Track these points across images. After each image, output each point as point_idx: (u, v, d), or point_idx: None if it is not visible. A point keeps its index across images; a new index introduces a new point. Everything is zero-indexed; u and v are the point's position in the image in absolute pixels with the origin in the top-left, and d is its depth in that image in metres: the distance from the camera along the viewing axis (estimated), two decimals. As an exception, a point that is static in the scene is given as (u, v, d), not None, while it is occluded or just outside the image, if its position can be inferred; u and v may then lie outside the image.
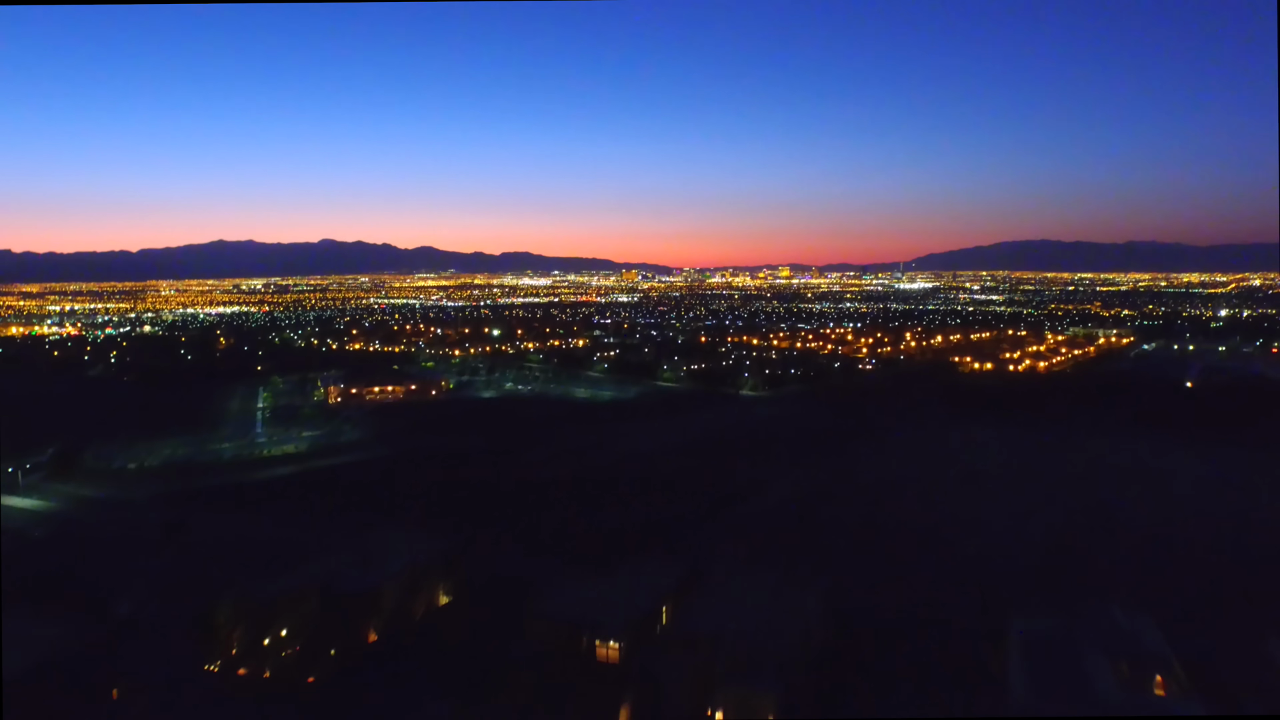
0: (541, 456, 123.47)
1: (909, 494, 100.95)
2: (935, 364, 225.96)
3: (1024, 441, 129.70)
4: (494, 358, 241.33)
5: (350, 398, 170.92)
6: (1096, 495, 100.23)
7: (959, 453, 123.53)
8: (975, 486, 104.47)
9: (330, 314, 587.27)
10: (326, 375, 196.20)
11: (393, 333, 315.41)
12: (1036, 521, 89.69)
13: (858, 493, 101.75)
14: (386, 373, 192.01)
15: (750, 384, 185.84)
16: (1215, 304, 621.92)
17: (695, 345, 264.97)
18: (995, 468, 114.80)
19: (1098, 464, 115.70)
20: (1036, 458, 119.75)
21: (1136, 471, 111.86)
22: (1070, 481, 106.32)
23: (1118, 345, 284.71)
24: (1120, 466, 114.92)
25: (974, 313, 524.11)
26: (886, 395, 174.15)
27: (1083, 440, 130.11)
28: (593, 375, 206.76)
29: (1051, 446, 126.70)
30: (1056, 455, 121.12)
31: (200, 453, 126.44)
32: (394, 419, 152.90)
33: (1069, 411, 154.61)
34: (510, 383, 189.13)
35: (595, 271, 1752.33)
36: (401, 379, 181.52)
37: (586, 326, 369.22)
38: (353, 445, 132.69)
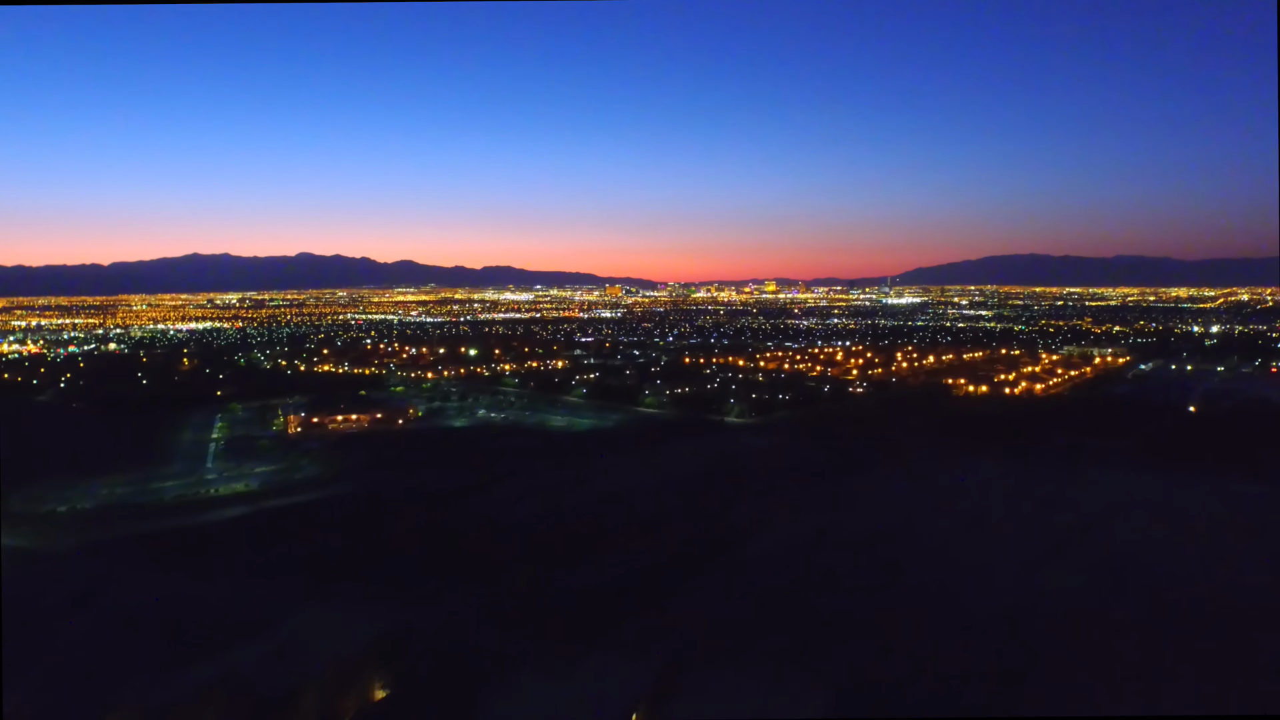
0: (511, 495, 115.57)
1: (913, 544, 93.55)
2: (928, 387, 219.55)
3: (1029, 477, 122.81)
4: (468, 380, 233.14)
5: (311, 427, 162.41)
6: (1116, 544, 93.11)
7: (961, 491, 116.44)
8: (983, 534, 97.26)
9: (304, 331, 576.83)
10: (288, 403, 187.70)
11: (364, 353, 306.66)
12: (1059, 580, 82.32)
13: (857, 543, 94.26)
14: (353, 399, 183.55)
15: (736, 410, 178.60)
16: (1206, 319, 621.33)
17: (679, 367, 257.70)
18: (1003, 510, 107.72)
19: (1112, 505, 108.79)
20: (1045, 497, 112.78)
21: (1154, 514, 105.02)
22: (1086, 528, 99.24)
23: (1114, 365, 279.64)
24: (1134, 506, 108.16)
25: (964, 329, 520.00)
26: (880, 423, 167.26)
27: (1091, 475, 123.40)
28: (571, 400, 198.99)
29: (1058, 483, 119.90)
30: (1066, 494, 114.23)
31: (141, 492, 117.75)
32: (355, 452, 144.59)
33: (1072, 441, 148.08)
34: (483, 409, 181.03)
35: (578, 286, 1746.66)
36: (367, 406, 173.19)
37: (567, 345, 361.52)
38: (307, 483, 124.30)
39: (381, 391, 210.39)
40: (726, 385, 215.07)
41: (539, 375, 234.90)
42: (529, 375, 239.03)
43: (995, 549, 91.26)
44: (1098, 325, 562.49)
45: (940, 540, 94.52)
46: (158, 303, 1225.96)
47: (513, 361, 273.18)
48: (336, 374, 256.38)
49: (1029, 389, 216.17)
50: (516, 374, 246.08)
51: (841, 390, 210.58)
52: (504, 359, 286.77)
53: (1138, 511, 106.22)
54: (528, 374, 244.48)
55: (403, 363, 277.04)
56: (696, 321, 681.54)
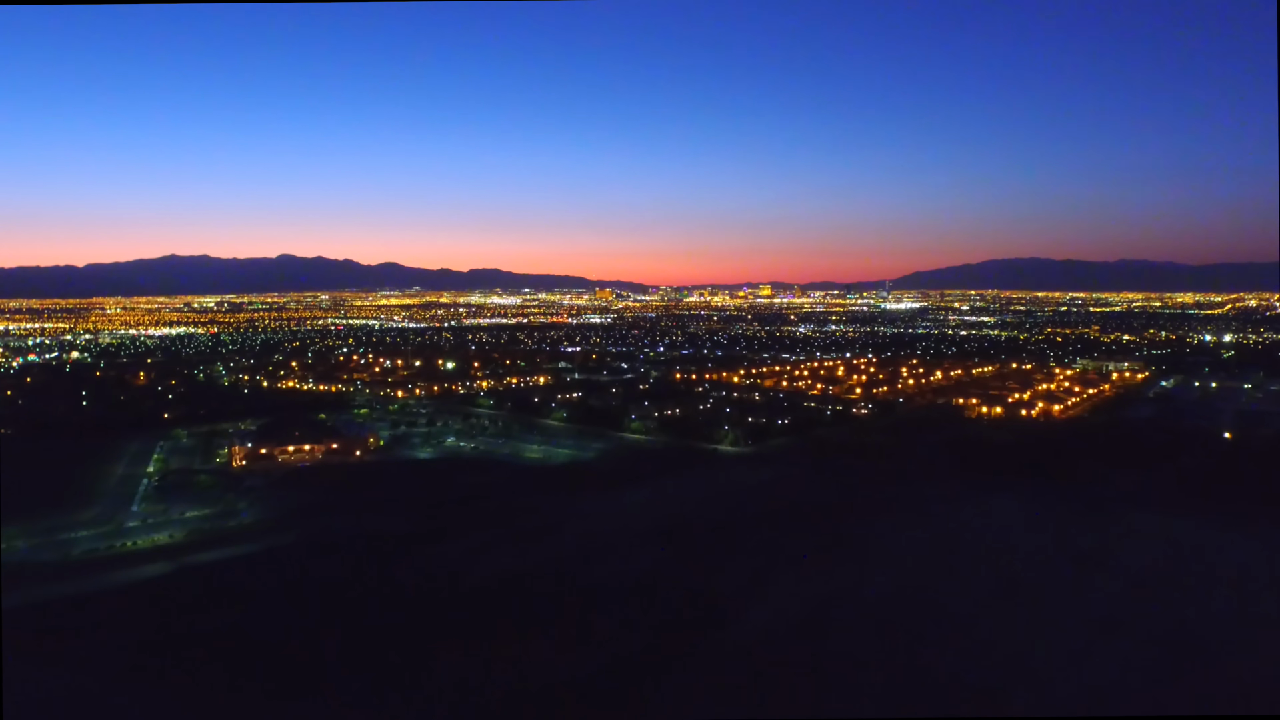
0: (469, 549, 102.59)
1: (939, 620, 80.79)
2: (938, 408, 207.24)
3: (1062, 526, 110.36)
4: (441, 400, 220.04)
5: (259, 460, 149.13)
6: (1180, 619, 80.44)
7: (990, 543, 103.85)
8: (1021, 604, 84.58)
9: (280, 337, 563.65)
10: (239, 429, 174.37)
11: (334, 366, 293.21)
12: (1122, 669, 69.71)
13: (871, 617, 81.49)
14: (310, 425, 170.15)
15: (731, 437, 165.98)
16: (1217, 327, 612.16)
17: (669, 384, 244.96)
18: (1038, 570, 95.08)
19: (1163, 562, 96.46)
20: (1084, 552, 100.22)
21: (1214, 575, 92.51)
22: (1138, 595, 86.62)
23: (1133, 381, 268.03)
24: (1188, 563, 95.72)
25: (968, 338, 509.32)
26: (888, 454, 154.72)
27: (1131, 522, 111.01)
28: (551, 424, 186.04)
29: (1096, 531, 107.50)
30: (1107, 548, 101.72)
31: (44, 546, 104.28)
32: (302, 491, 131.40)
33: (1104, 477, 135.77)
34: (452, 437, 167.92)
35: (567, 290, 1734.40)
36: (324, 434, 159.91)
37: (551, 357, 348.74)
38: (239, 533, 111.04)
39: (345, 413, 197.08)
40: (720, 407, 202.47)
41: (517, 394, 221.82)
42: (507, 394, 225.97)
43: (1039, 626, 78.53)
44: (1106, 334, 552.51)
45: (971, 614, 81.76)
46: (132, 306, 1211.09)
47: (491, 377, 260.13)
48: (300, 391, 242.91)
49: (1046, 410, 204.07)
50: (494, 392, 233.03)
51: (845, 412, 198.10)
52: (482, 374, 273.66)
53: (1194, 570, 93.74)
54: (506, 392, 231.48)
55: (374, 378, 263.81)
56: (689, 328, 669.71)
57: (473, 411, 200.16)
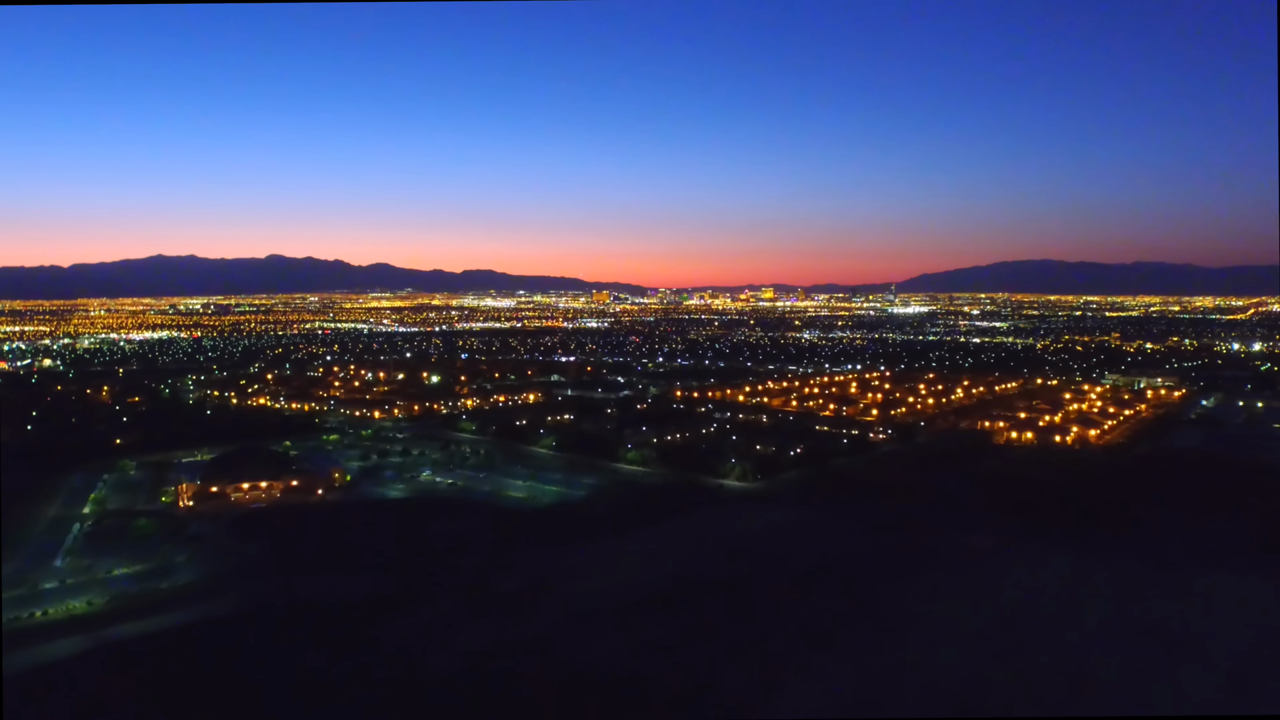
0: (438, 620, 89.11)
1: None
2: (964, 435, 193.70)
3: (1135, 592, 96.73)
4: (420, 423, 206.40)
5: (209, 499, 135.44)
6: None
7: (1053, 618, 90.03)
8: (1098, 700, 71.10)
9: (263, 343, 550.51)
10: (194, 459, 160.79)
11: (310, 381, 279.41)
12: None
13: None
14: (271, 457, 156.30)
15: (738, 470, 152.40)
16: (1243, 334, 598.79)
17: (668, 404, 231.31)
18: (1110, 652, 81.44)
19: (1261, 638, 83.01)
20: (1159, 626, 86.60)
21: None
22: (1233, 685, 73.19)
23: (1169, 399, 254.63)
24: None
25: (983, 346, 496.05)
26: (914, 492, 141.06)
27: (1213, 589, 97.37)
28: (538, 453, 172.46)
29: (1168, 597, 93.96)
30: (1184, 619, 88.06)
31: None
32: (253, 539, 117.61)
33: (1166, 526, 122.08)
34: (428, 469, 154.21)
35: (563, 292, 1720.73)
36: (284, 470, 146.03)
37: (542, 368, 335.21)
38: (173, 598, 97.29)
39: (313, 439, 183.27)
40: (724, 431, 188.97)
41: (504, 415, 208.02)
42: (493, 415, 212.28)
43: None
44: (1127, 342, 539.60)
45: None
46: (117, 308, 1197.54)
47: (477, 394, 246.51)
48: (269, 411, 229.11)
49: (1082, 435, 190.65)
50: (479, 412, 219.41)
51: (862, 439, 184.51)
52: (468, 389, 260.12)
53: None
54: (492, 413, 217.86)
55: (351, 394, 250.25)
56: (688, 334, 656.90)
57: (454, 437, 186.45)
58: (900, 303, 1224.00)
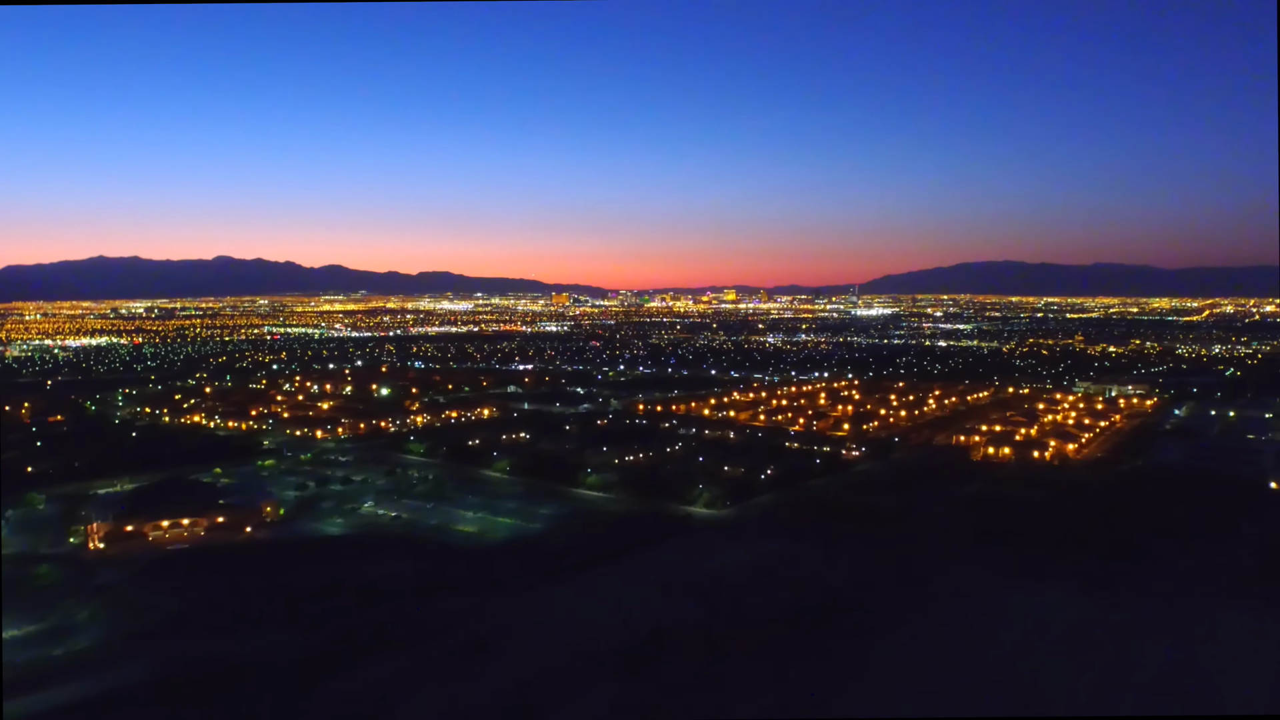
0: (374, 684, 79.46)
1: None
2: (940, 451, 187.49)
3: (1138, 632, 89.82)
4: (366, 443, 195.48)
5: (124, 540, 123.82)
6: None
7: (1057, 666, 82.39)
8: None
9: (207, 350, 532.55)
10: (112, 491, 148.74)
11: (250, 395, 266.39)
12: None
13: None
14: (194, 489, 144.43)
15: (706, 496, 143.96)
16: (1200, 336, 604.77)
17: (631, 419, 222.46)
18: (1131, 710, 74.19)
19: None
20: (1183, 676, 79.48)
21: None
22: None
23: (1141, 409, 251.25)
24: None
25: (949, 350, 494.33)
26: (894, 518, 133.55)
27: (1223, 626, 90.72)
28: (492, 477, 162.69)
29: (1184, 642, 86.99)
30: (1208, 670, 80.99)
31: None
32: (171, 589, 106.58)
33: (1160, 555, 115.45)
34: (371, 500, 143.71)
35: (522, 294, 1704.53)
36: (210, 504, 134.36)
37: (499, 378, 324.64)
38: (70, 665, 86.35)
39: (247, 464, 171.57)
40: (690, 450, 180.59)
41: (456, 434, 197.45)
42: (445, 433, 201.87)
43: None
44: (1090, 344, 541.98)
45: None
46: (55, 312, 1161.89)
47: (428, 409, 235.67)
48: (204, 430, 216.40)
49: (1060, 450, 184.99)
50: (430, 430, 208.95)
51: (835, 457, 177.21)
52: (419, 404, 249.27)
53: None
54: (444, 430, 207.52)
55: (294, 410, 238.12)
56: (650, 338, 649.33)
57: (401, 460, 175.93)
58: (863, 304, 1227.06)
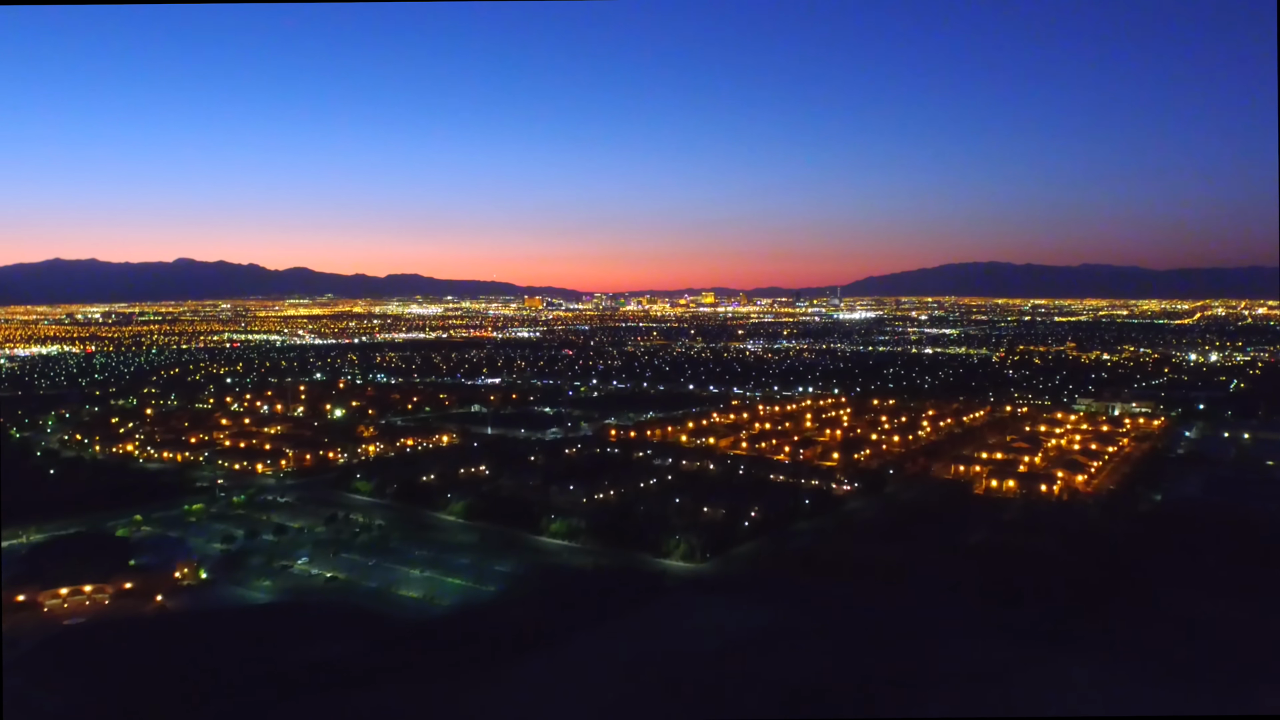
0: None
1: None
2: (939, 486, 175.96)
3: None
4: (310, 478, 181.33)
5: (12, 613, 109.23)
6: None
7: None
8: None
9: (160, 360, 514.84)
10: (16, 543, 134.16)
11: (192, 420, 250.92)
12: None
13: None
14: (103, 545, 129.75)
15: (683, 548, 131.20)
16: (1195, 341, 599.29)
17: (602, 447, 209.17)
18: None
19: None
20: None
21: None
22: None
23: (1148, 429, 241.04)
24: None
25: (938, 359, 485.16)
26: (899, 576, 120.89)
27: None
28: (446, 522, 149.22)
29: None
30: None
31: None
32: (55, 681, 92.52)
33: (1198, 618, 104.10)
34: (306, 555, 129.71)
35: (494, 297, 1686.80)
36: (118, 565, 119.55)
37: (462, 395, 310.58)
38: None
39: (174, 507, 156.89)
40: (666, 487, 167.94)
41: (409, 470, 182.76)
42: (398, 466, 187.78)
43: None
44: (1084, 353, 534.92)
45: None
46: (8, 317, 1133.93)
47: (383, 437, 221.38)
48: (134, 462, 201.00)
49: (1068, 482, 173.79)
50: (382, 463, 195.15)
51: (824, 494, 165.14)
52: (373, 428, 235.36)
53: None
54: (397, 463, 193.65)
55: (237, 436, 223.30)
56: (626, 345, 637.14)
57: (346, 501, 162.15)
58: (846, 307, 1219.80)
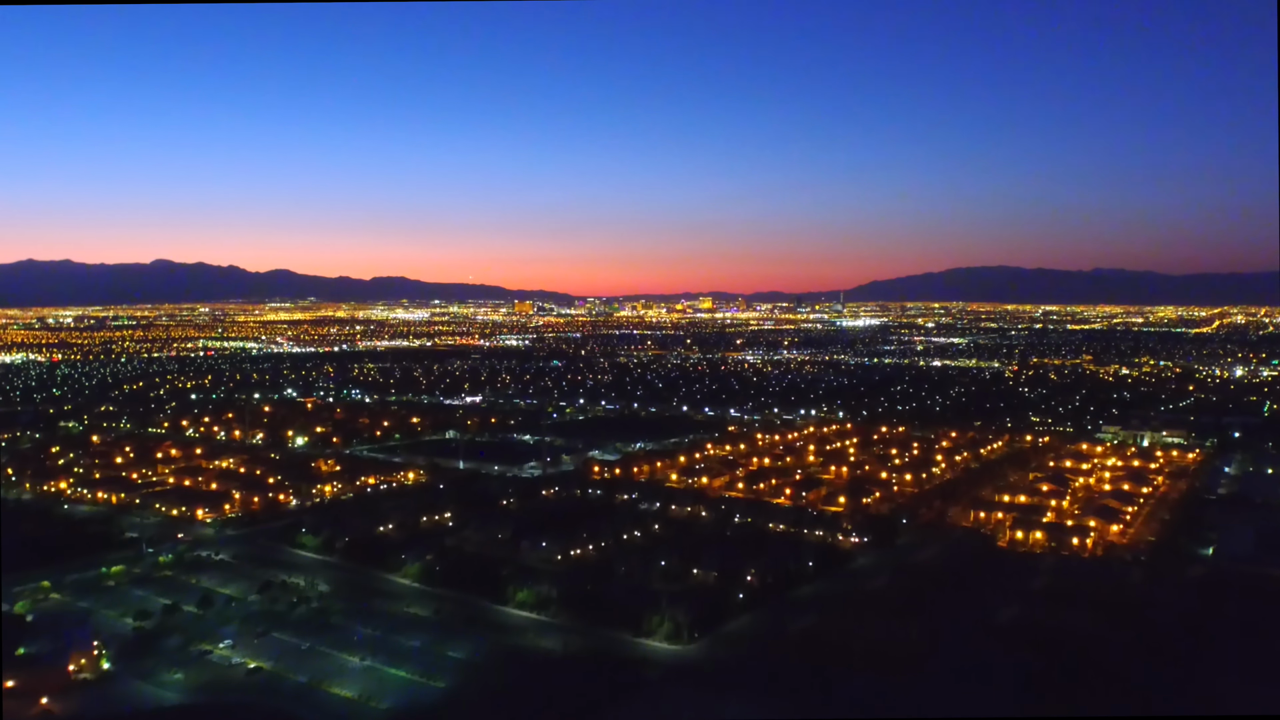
0: None
1: None
2: (959, 538, 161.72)
3: None
4: (252, 530, 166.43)
5: None
6: None
7: None
8: None
9: (127, 371, 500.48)
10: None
11: (140, 450, 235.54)
12: None
13: None
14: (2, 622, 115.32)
15: (666, 625, 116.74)
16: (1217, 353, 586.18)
17: (581, 488, 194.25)
18: None
19: None
20: None
21: None
22: None
23: (1183, 463, 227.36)
24: None
25: (948, 373, 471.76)
26: (914, 662, 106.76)
27: None
28: (399, 588, 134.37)
29: None
30: None
31: None
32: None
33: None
34: (230, 639, 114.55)
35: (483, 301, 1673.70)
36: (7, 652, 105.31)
37: (437, 417, 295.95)
38: None
39: (93, 564, 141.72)
40: (652, 540, 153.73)
41: (367, 515, 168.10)
42: (353, 513, 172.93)
43: None
44: (1099, 364, 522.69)
45: None
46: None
47: (343, 472, 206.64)
48: (59, 505, 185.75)
49: (1102, 533, 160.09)
50: (336, 508, 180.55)
51: (829, 549, 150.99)
52: (334, 459, 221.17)
53: None
54: (353, 508, 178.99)
55: (184, 472, 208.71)
56: (618, 355, 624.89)
57: (290, 558, 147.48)
58: (849, 313, 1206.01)
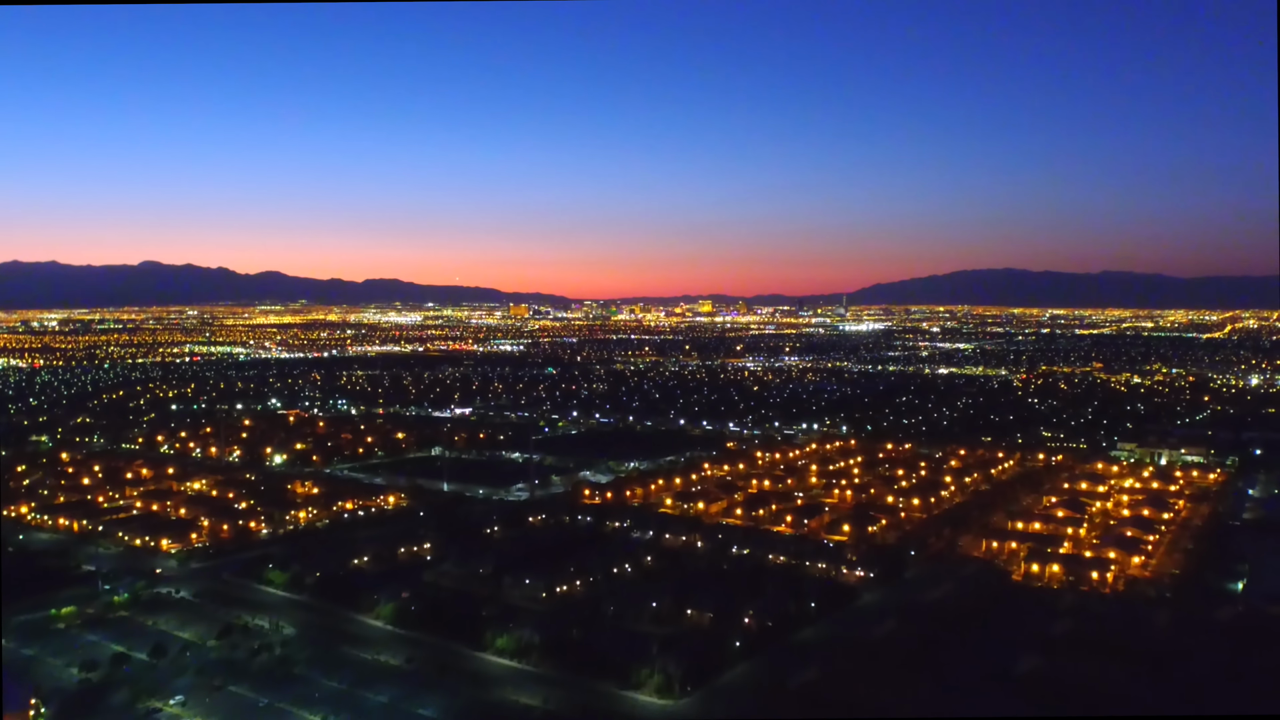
0: None
1: None
2: (971, 571, 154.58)
3: None
4: (217, 563, 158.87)
5: None
6: None
7: None
8: None
9: (109, 379, 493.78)
10: None
11: (106, 470, 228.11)
12: None
13: None
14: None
15: (657, 677, 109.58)
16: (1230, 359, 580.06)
17: (569, 514, 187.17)
18: None
19: None
20: None
21: None
22: None
23: (1204, 483, 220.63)
24: None
25: (955, 382, 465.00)
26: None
27: None
28: (370, 631, 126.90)
29: None
30: None
31: None
32: None
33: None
34: (181, 694, 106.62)
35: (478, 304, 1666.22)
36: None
37: (424, 433, 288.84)
38: None
39: (41, 607, 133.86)
40: (643, 575, 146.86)
41: (340, 546, 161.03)
42: (326, 543, 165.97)
43: None
44: (1110, 371, 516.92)
45: None
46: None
47: (321, 497, 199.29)
48: (16, 533, 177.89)
49: (1123, 565, 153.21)
50: (309, 537, 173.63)
51: (832, 585, 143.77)
52: (312, 481, 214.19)
53: None
54: (327, 537, 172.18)
55: (151, 496, 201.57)
56: (614, 362, 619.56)
57: (256, 596, 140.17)
58: (852, 317, 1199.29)
